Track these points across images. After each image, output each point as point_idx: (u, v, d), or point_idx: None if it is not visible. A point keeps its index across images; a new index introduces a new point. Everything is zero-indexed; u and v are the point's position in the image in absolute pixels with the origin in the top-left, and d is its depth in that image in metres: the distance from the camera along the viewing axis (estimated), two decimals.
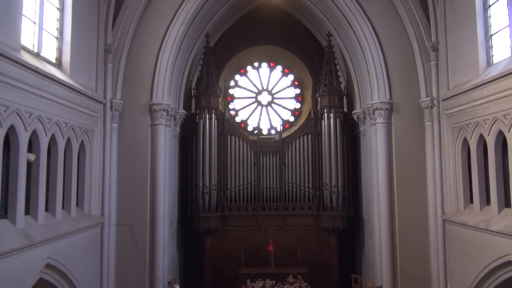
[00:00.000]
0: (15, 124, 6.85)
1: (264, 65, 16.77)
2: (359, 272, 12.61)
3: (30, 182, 7.53)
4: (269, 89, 16.69)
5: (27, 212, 7.36)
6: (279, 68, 16.74)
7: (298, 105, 16.68)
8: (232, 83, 16.51)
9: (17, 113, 6.87)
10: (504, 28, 8.46)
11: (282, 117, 16.60)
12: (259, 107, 16.61)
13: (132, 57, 10.98)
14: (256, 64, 16.72)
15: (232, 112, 16.34)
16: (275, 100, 16.68)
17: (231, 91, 16.39)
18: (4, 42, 6.47)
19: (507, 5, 8.33)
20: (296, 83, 16.72)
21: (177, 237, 12.54)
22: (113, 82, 10.71)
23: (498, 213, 8.32)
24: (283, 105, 16.69)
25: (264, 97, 16.67)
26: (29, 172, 7.49)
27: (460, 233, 9.50)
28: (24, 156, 7.13)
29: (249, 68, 16.70)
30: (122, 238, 10.63)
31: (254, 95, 16.61)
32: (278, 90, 16.73)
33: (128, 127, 10.90)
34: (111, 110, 10.59)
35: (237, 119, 16.41)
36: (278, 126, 16.39)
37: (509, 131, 7.87)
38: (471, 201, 9.42)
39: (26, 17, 7.52)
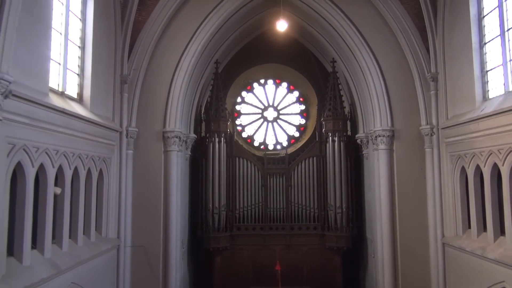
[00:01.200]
0: (44, 162, 7.44)
1: (270, 82, 17.37)
2: None
3: (55, 212, 8.10)
4: (275, 105, 17.26)
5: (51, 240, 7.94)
6: (284, 84, 17.33)
7: (303, 121, 17.24)
8: (238, 99, 17.10)
9: (46, 152, 7.46)
10: (498, 66, 8.98)
11: (288, 132, 17.17)
12: (265, 122, 17.19)
13: (146, 87, 11.59)
14: (262, 81, 17.32)
15: (239, 128, 16.91)
16: (280, 116, 17.25)
17: (237, 107, 16.97)
18: (35, 88, 7.05)
19: (501, 45, 8.86)
20: (301, 99, 17.28)
21: (187, 256, 13.07)
22: (128, 110, 11.32)
23: (494, 241, 8.79)
24: (289, 121, 17.25)
25: (270, 113, 17.24)
26: (54, 203, 8.06)
27: (459, 257, 9.97)
28: (51, 190, 7.71)
29: (255, 85, 17.29)
30: (137, 258, 11.18)
31: (260, 111, 17.19)
32: (283, 106, 17.30)
33: (143, 153, 11.48)
34: (126, 137, 11.20)
35: (244, 135, 16.97)
36: (284, 141, 17.00)
37: (503, 164, 8.36)
38: (469, 226, 9.89)
39: (53, 60, 8.12)
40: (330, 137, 13.49)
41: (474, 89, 9.57)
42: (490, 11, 9.33)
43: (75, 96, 9.27)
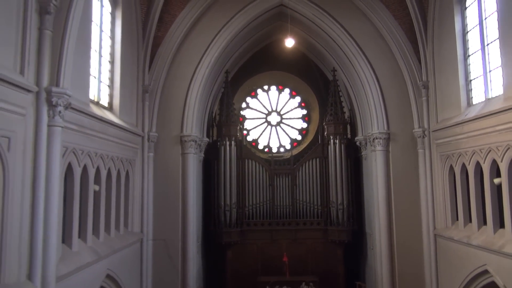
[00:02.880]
0: (87, 163, 8.64)
1: (273, 88, 18.48)
2: (363, 280, 14.22)
3: (93, 207, 9.27)
4: (278, 110, 18.39)
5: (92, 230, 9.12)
6: (287, 90, 18.44)
7: (305, 125, 18.37)
8: (244, 105, 18.22)
9: (88, 155, 8.66)
10: (480, 76, 10.19)
11: (290, 136, 18.30)
12: (269, 126, 18.31)
13: (165, 95, 12.78)
14: (265, 87, 18.45)
15: (244, 132, 18.04)
16: (283, 120, 18.38)
17: (243, 112, 18.09)
18: (80, 99, 8.25)
19: (482, 57, 10.08)
20: (302, 104, 18.41)
21: (201, 250, 14.23)
22: (149, 117, 12.50)
23: (478, 229, 9.97)
24: (291, 125, 18.37)
25: (274, 117, 18.37)
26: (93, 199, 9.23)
27: (448, 246, 11.15)
28: (92, 187, 8.91)
29: (259, 91, 18.41)
30: (158, 251, 12.31)
31: (264, 115, 18.31)
32: (286, 111, 18.42)
33: (162, 156, 12.66)
34: (148, 141, 12.37)
35: (249, 138, 18.05)
36: (287, 144, 18.13)
37: (484, 162, 9.56)
38: (457, 218, 11.07)
39: (91, 74, 9.33)
40: (332, 140, 14.69)
41: (460, 96, 10.78)
42: (473, 28, 10.55)
43: (106, 105, 10.48)
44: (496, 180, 9.13)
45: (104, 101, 10.41)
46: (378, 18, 12.71)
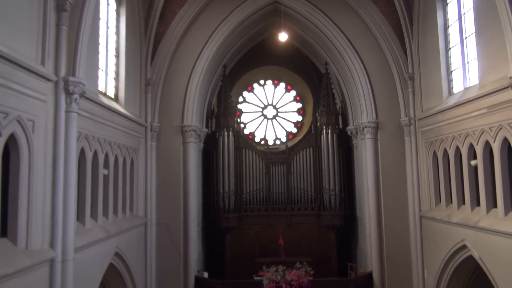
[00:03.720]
0: (97, 149, 9.40)
1: (269, 82, 19.19)
2: (354, 261, 15.07)
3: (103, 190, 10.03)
4: (274, 104, 19.11)
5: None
6: (282, 85, 19.15)
7: (300, 118, 19.12)
8: (240, 99, 18.93)
9: (98, 141, 9.42)
10: (459, 67, 11.01)
11: (286, 128, 19.05)
12: (265, 120, 19.04)
13: (166, 88, 13.52)
14: (261, 81, 19.16)
15: (241, 125, 18.79)
16: (279, 114, 19.12)
17: (240, 106, 18.79)
18: (91, 90, 8.99)
19: (461, 50, 10.90)
20: (297, 98, 19.14)
21: (201, 235, 15.03)
22: (152, 108, 13.25)
23: (457, 209, 10.80)
24: (287, 118, 19.11)
25: (269, 111, 19.10)
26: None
27: (432, 226, 11.99)
28: (101, 171, 9.68)
29: (255, 85, 19.13)
30: (161, 235, 13.07)
31: (260, 109, 19.02)
32: (281, 104, 19.14)
33: (164, 145, 13.42)
34: (151, 131, 13.12)
35: (246, 131, 18.72)
36: (283, 137, 18.89)
37: (462, 146, 10.38)
38: (440, 201, 11.90)
39: (99, 67, 10.08)
40: (324, 130, 15.49)
41: (442, 86, 11.59)
42: (453, 22, 11.36)
43: (112, 96, 11.22)
44: (473, 162, 9.96)
45: (111, 93, 11.15)
46: (367, 14, 13.49)
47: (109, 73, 11.02)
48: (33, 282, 6.47)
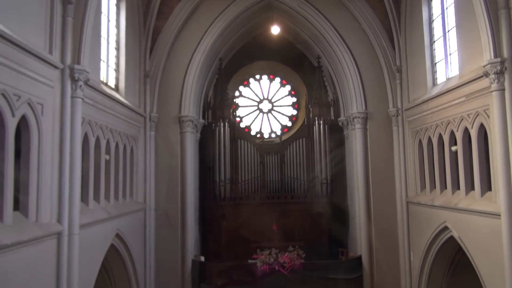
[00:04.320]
0: (99, 135, 9.98)
1: (265, 77, 19.70)
2: (345, 247, 15.67)
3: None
4: (269, 98, 19.65)
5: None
6: (277, 79, 19.69)
7: (294, 112, 19.68)
8: (236, 93, 19.48)
9: (100, 127, 10.00)
10: (442, 59, 11.62)
11: (281, 122, 19.62)
12: (261, 114, 19.59)
13: (164, 80, 14.08)
14: (257, 76, 19.69)
15: (237, 119, 19.33)
16: (274, 108, 19.67)
17: (236, 100, 19.31)
18: (94, 79, 9.55)
19: (443, 43, 11.51)
20: (292, 92, 19.71)
21: (198, 221, 15.61)
22: (150, 99, 13.79)
23: (440, 193, 11.44)
24: (282, 112, 19.66)
25: (265, 105, 19.63)
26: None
27: (417, 210, 12.62)
28: (103, 156, 10.26)
29: (251, 80, 19.66)
30: (159, 220, 13.65)
31: (256, 103, 19.56)
32: (277, 99, 19.67)
33: (163, 134, 13.99)
34: (149, 121, 13.68)
35: (242, 125, 19.23)
36: (278, 130, 19.47)
37: (444, 133, 11.01)
38: (425, 186, 12.52)
39: (101, 59, 10.65)
40: (316, 121, 16.10)
41: (426, 77, 12.21)
42: (437, 17, 11.96)
43: (113, 86, 11.78)
44: (453, 148, 10.58)
45: (112, 83, 11.71)
46: (357, 9, 14.07)
47: (110, 64, 11.58)
48: (43, 252, 7.06)
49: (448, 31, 11.33)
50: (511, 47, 8.01)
